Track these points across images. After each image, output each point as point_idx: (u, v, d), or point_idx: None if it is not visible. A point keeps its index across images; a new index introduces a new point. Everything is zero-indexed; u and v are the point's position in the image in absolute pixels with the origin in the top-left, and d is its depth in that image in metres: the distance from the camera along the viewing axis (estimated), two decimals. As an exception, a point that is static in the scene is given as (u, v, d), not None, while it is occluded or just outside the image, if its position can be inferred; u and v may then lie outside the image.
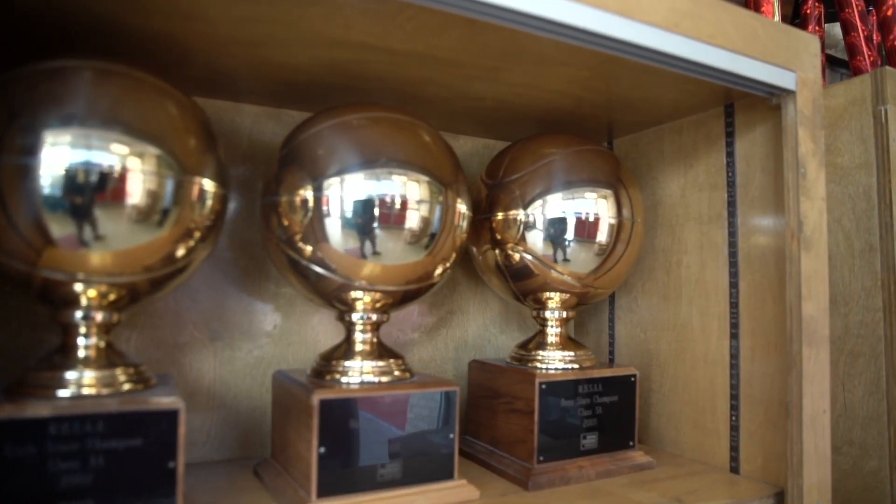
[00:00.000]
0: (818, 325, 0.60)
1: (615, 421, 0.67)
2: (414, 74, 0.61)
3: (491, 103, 0.69)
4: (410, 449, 0.56)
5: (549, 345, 0.70)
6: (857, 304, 0.72)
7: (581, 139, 0.70)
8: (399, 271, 0.58)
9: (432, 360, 0.78)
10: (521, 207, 0.65)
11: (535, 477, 0.61)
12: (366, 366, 0.59)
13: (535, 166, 0.66)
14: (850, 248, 0.73)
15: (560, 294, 0.69)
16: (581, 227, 0.65)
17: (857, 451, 0.71)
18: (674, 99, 0.67)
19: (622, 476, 0.65)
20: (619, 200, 0.68)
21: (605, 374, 0.67)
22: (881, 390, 0.70)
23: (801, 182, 0.59)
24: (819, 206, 0.61)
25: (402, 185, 0.56)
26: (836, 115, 0.74)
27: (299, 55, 0.56)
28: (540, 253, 0.65)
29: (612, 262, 0.68)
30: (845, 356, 0.73)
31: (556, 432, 0.63)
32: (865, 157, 0.72)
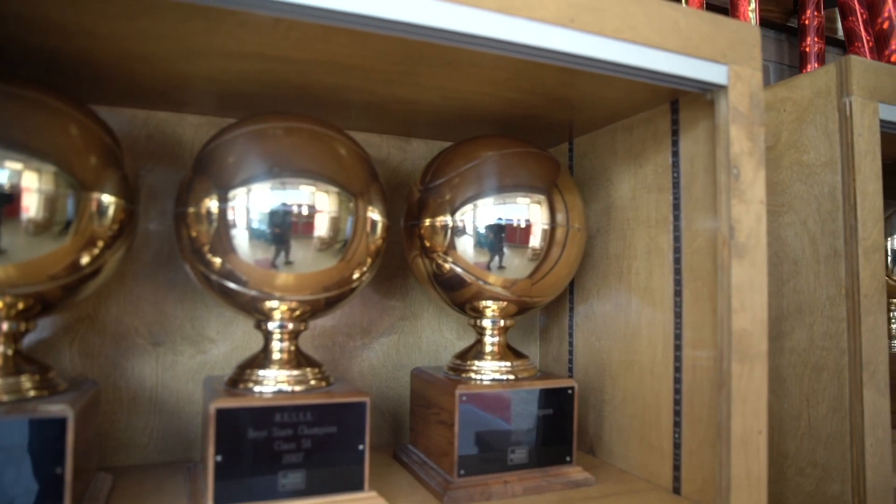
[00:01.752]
0: (753, 340, 0.54)
1: (550, 435, 0.64)
2: (327, 81, 0.60)
3: (423, 107, 0.67)
4: (315, 459, 0.55)
5: (487, 354, 0.67)
6: (821, 314, 0.65)
7: (517, 141, 0.67)
8: (313, 279, 0.57)
9: (382, 367, 0.77)
10: (448, 213, 0.63)
11: (451, 491, 0.59)
12: (281, 375, 0.58)
13: (460, 170, 0.64)
14: (815, 253, 0.66)
15: (496, 302, 0.66)
16: (511, 233, 0.62)
17: (820, 472, 0.65)
18: (612, 97, 0.63)
19: (553, 493, 0.61)
20: (554, 206, 0.64)
21: (537, 387, 0.63)
22: (844, 408, 0.63)
23: (733, 184, 0.54)
24: (757, 211, 0.55)
25: (309, 196, 0.55)
26: (802, 109, 0.68)
27: (208, 67, 0.56)
28: (470, 261, 0.63)
29: (546, 269, 0.64)
30: (810, 370, 0.66)
31: (480, 446, 0.61)
32: (830, 154, 0.65)
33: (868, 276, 0.62)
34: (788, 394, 0.68)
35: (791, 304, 0.68)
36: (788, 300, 0.69)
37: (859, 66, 0.63)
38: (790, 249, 0.68)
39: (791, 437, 0.68)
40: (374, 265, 0.61)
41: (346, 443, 0.56)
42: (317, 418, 0.55)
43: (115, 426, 0.66)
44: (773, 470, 0.70)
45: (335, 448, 0.56)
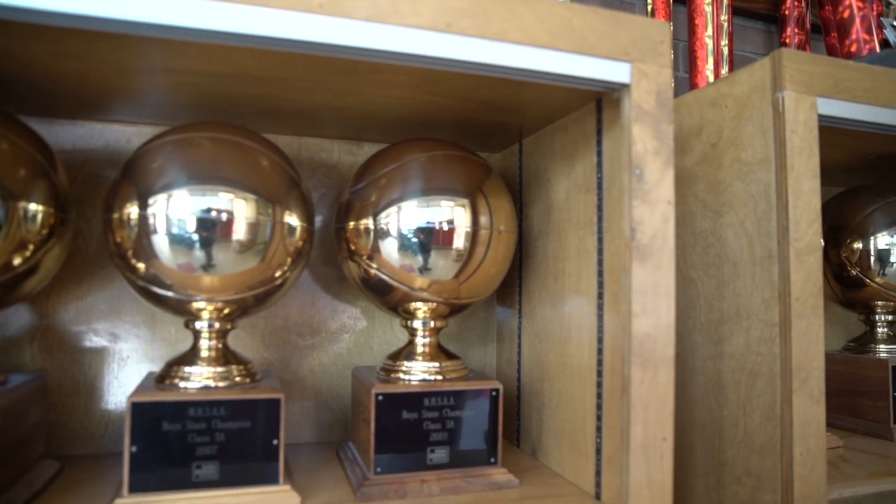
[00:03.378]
0: (657, 345, 0.53)
1: (473, 436, 0.63)
2: (252, 92, 0.61)
3: (353, 112, 0.68)
4: (229, 452, 0.57)
5: (418, 355, 0.67)
6: (757, 318, 0.62)
7: (445, 144, 0.67)
8: (236, 280, 0.59)
9: (333, 366, 0.79)
10: (371, 216, 0.64)
11: (366, 488, 0.59)
12: (206, 371, 0.61)
13: (383, 172, 0.65)
14: (752, 255, 0.63)
15: (426, 304, 0.66)
16: (434, 236, 0.62)
17: (754, 482, 0.62)
18: (530, 99, 0.62)
19: (470, 494, 0.61)
20: (477, 209, 0.64)
21: (458, 388, 0.63)
22: (776, 416, 0.59)
23: (635, 184, 0.53)
24: (663, 212, 0.53)
25: (227, 202, 0.57)
26: (741, 105, 0.64)
27: (138, 82, 0.59)
28: (394, 264, 0.63)
29: (471, 270, 0.64)
30: (747, 376, 0.63)
31: (398, 445, 0.61)
32: (765, 152, 0.61)
33: (801, 279, 0.59)
34: (728, 400, 0.65)
35: (731, 308, 0.65)
36: (728, 303, 0.66)
37: (793, 59, 0.60)
38: (730, 251, 0.66)
39: (729, 445, 0.65)
40: (298, 264, 0.63)
41: (261, 438, 0.58)
42: (231, 413, 0.57)
43: (73, 417, 0.70)
44: (713, 478, 0.67)
45: (249, 442, 0.57)
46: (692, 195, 0.71)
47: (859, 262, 0.85)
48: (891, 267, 0.84)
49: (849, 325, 1.05)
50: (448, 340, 0.83)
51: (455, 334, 0.83)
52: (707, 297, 0.69)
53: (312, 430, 0.77)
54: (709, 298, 0.68)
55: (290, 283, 0.65)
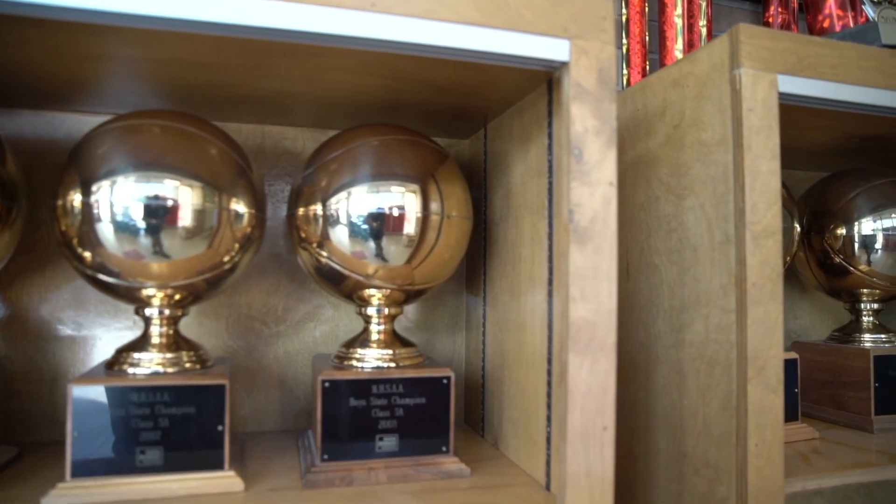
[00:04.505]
0: (597, 331, 0.51)
1: (424, 424, 0.62)
2: (201, 78, 0.60)
3: (309, 98, 0.67)
4: (173, 438, 0.56)
5: (372, 342, 0.66)
6: (715, 305, 0.59)
7: (399, 129, 0.65)
8: (184, 266, 0.59)
9: (298, 354, 0.78)
10: (320, 202, 0.62)
11: (311, 475, 0.58)
12: (156, 358, 0.60)
13: (330, 157, 0.63)
14: (711, 239, 0.60)
15: (379, 291, 0.65)
16: (384, 221, 0.61)
17: (712, 473, 0.59)
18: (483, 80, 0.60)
19: (419, 483, 0.60)
20: (428, 194, 0.62)
21: (408, 375, 0.62)
22: (732, 405, 0.57)
23: (573, 165, 0.51)
24: (604, 193, 0.51)
25: (173, 189, 0.57)
26: (702, 84, 0.61)
27: (92, 71, 0.58)
28: (343, 251, 0.62)
29: (422, 256, 0.63)
30: (705, 364, 0.60)
31: (347, 432, 0.60)
32: (724, 132, 0.58)
33: (758, 264, 0.56)
34: (688, 390, 0.63)
35: (691, 295, 0.63)
36: (689, 290, 0.63)
37: (751, 34, 0.57)
38: (691, 235, 0.63)
39: (689, 436, 0.63)
40: (248, 250, 0.63)
41: (205, 424, 0.57)
42: (175, 399, 0.57)
43: (37, 404, 0.70)
44: (674, 470, 0.65)
45: (194, 428, 0.57)
46: (656, 179, 0.68)
47: (843, 248, 0.82)
48: (875, 254, 0.80)
49: (840, 314, 1.00)
50: (416, 329, 0.82)
51: (422, 322, 0.82)
52: (670, 284, 0.66)
53: (277, 418, 0.77)
54: (671, 285, 0.66)
55: (243, 267, 0.64)
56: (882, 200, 0.80)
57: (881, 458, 0.66)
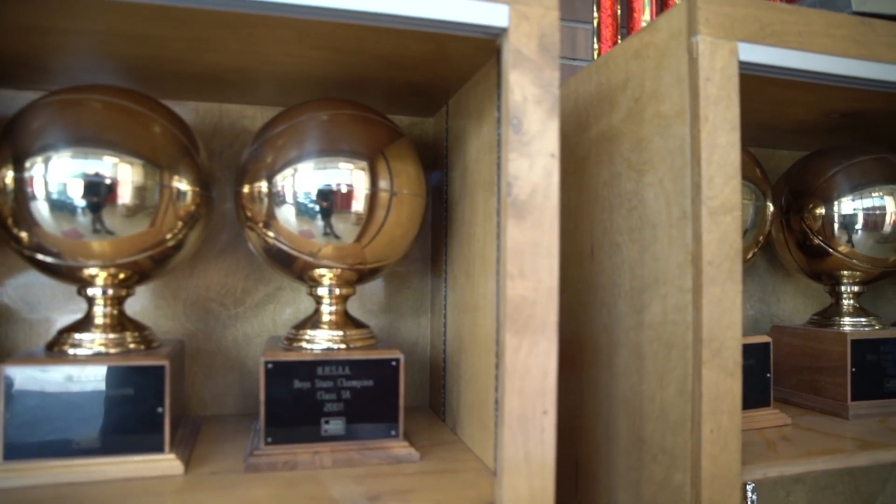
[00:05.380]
0: (536, 310, 0.48)
1: (372, 407, 0.60)
2: (139, 52, 0.58)
3: (258, 74, 0.64)
4: (110, 420, 0.54)
5: (323, 324, 0.64)
6: (672, 285, 0.56)
7: (348, 104, 0.63)
8: (126, 244, 0.57)
9: (258, 336, 0.76)
10: (265, 178, 0.60)
11: (253, 458, 0.56)
12: (99, 338, 0.59)
13: (276, 132, 0.61)
14: (669, 216, 0.57)
15: (330, 271, 0.63)
16: (330, 199, 0.58)
17: (668, 460, 0.56)
18: (428, 51, 0.57)
19: (365, 468, 0.57)
20: (377, 171, 0.60)
21: (354, 357, 0.59)
22: (688, 390, 0.54)
23: (511, 135, 0.48)
24: (546, 165, 0.48)
25: (111, 167, 0.55)
26: (661, 54, 0.58)
27: (37, 45, 0.56)
28: (290, 230, 0.59)
29: (372, 234, 0.60)
30: (663, 347, 0.57)
31: (291, 415, 0.58)
32: (682, 103, 0.55)
33: (715, 241, 0.53)
34: (647, 373, 0.60)
35: (650, 274, 0.60)
36: (649, 269, 0.60)
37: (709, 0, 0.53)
38: (651, 212, 0.60)
39: (648, 421, 0.60)
40: (194, 228, 0.61)
41: (144, 405, 0.55)
42: (113, 381, 0.55)
43: (-8, 385, 0.69)
44: (634, 456, 0.62)
45: (132, 410, 0.55)
46: (619, 155, 0.65)
47: (822, 229, 0.78)
48: (855, 234, 0.76)
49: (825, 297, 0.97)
50: (380, 312, 0.79)
51: (387, 305, 0.79)
52: (631, 264, 0.63)
53: (238, 401, 0.75)
54: (632, 265, 0.63)
55: (191, 245, 0.62)
56: (862, 179, 0.76)
57: (850, 445, 0.63)
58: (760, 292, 0.95)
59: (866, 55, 0.59)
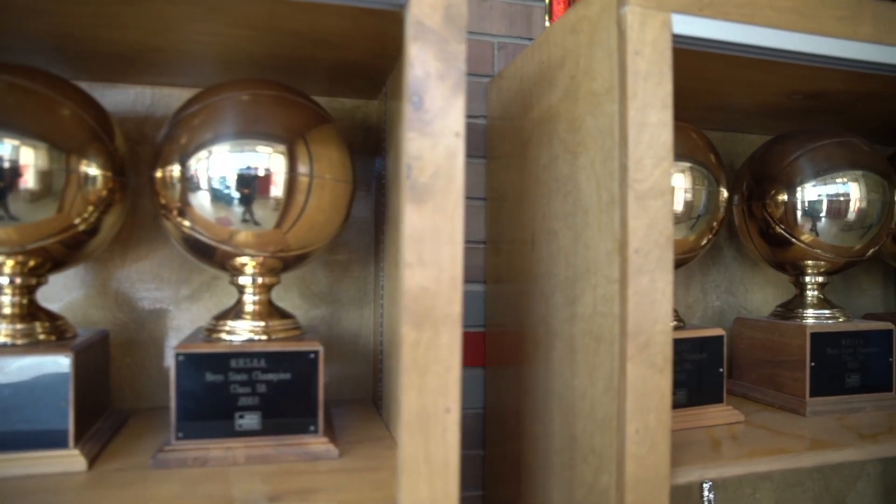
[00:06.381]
0: (438, 301, 0.44)
1: (290, 402, 0.56)
2: (42, 28, 0.55)
3: (177, 54, 0.61)
4: (13, 415, 0.52)
5: (245, 314, 0.60)
6: (602, 274, 0.52)
7: (271, 84, 0.59)
8: (33, 230, 0.54)
9: (193, 327, 0.73)
10: (178, 161, 0.56)
11: (162, 454, 0.53)
12: (4, 329, 0.56)
13: (191, 111, 0.57)
14: (599, 200, 0.53)
15: (253, 259, 0.59)
16: (247, 184, 0.55)
17: (597, 460, 0.52)
18: (343, 27, 0.53)
19: (279, 464, 0.54)
20: (296, 155, 0.56)
21: (270, 349, 0.56)
22: (614, 387, 0.50)
23: (412, 114, 0.44)
24: (448, 145, 0.44)
25: (13, 150, 0.52)
26: (594, 27, 0.53)
27: None
28: (206, 217, 0.56)
29: (290, 222, 0.57)
30: (592, 340, 0.53)
31: (203, 409, 0.55)
32: (612, 79, 0.51)
33: (643, 227, 0.49)
34: (579, 368, 0.56)
35: (583, 263, 0.56)
36: (581, 258, 0.56)
37: (634, -34, 0.48)
38: (584, 197, 0.55)
39: (579, 419, 0.56)
40: (108, 212, 0.59)
41: (48, 399, 0.52)
42: (19, 373, 0.52)
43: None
44: (567, 455, 0.58)
45: (37, 404, 0.52)
46: (556, 136, 0.61)
47: (784, 217, 0.73)
48: (818, 222, 0.71)
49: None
50: (321, 301, 0.76)
51: (328, 294, 0.76)
52: (565, 252, 0.59)
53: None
54: (567, 253, 0.59)
55: (108, 230, 0.60)
56: (826, 163, 0.71)
57: (799, 445, 0.58)
58: (727, 282, 0.90)
59: (816, 29, 0.55)
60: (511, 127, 0.72)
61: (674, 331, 0.68)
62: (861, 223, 0.71)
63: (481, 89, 0.81)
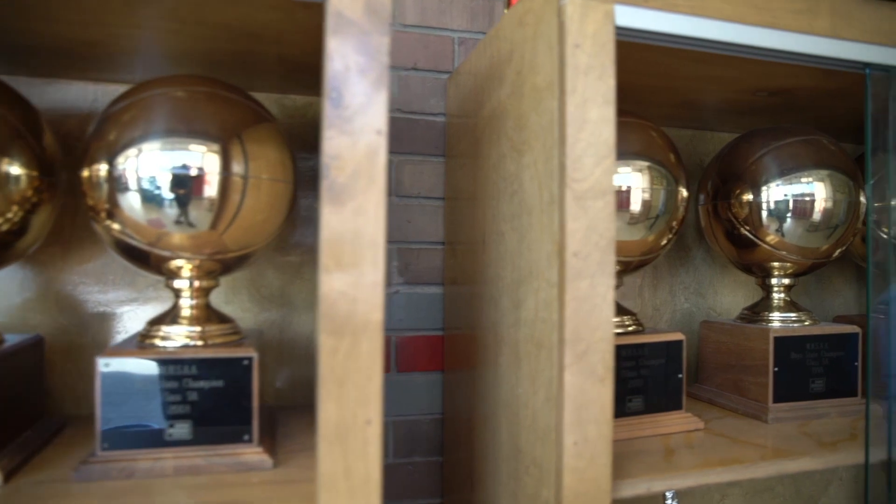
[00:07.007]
0: (357, 307, 0.41)
1: (223, 410, 0.54)
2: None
3: (117, 49, 0.58)
4: (-74, 425, 0.50)
5: (182, 319, 0.58)
6: (543, 278, 0.50)
7: (208, 81, 0.56)
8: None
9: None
10: (105, 160, 0.54)
11: (86, 466, 0.51)
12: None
13: (121, 106, 0.55)
14: (541, 201, 0.50)
15: (189, 262, 0.57)
16: (178, 184, 0.53)
17: (538, 472, 0.50)
18: (276, 20, 0.51)
19: (209, 476, 0.52)
20: (230, 154, 0.54)
21: (202, 356, 0.54)
22: (553, 396, 0.47)
23: (330, 110, 0.41)
24: (370, 143, 0.42)
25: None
26: (538, 20, 0.51)
27: None
28: (137, 219, 0.53)
29: (226, 223, 0.54)
30: (534, 347, 0.51)
31: (130, 419, 0.52)
32: (553, 74, 0.48)
33: (582, 229, 0.46)
34: (522, 376, 0.54)
35: (526, 265, 0.53)
36: (525, 260, 0.53)
37: (573, -45, 0.46)
38: (528, 197, 0.53)
39: (523, 429, 0.53)
40: (35, 212, 0.57)
41: (-36, 409, 0.50)
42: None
43: None
44: (512, 466, 0.56)
45: (-49, 414, 0.50)
46: (504, 134, 0.58)
47: (749, 218, 0.71)
48: (785, 223, 0.69)
49: (768, 291, 0.89)
50: (271, 305, 0.73)
51: (279, 298, 0.74)
52: (511, 254, 0.57)
53: (118, 398, 0.69)
54: (513, 255, 0.56)
55: (37, 230, 0.58)
56: (791, 162, 0.69)
57: (755, 454, 0.56)
58: (696, 284, 0.88)
59: (770, 23, 0.52)
60: (466, 124, 0.70)
61: (632, 335, 0.65)
62: (827, 224, 0.68)
63: (440, 86, 0.79)
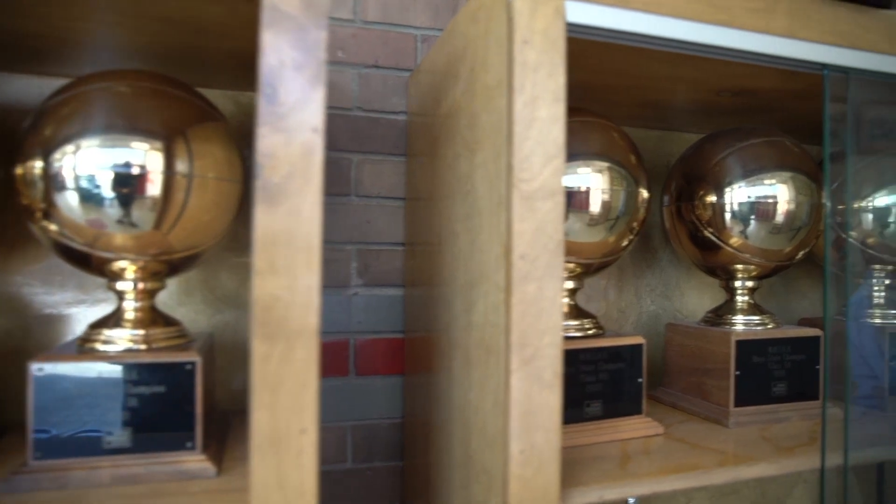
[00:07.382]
0: (291, 312, 0.40)
1: (164, 416, 0.52)
2: None
3: (57, 42, 0.56)
4: None
5: (125, 322, 0.56)
6: (491, 280, 0.48)
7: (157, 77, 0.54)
8: None
9: (88, 333, 0.68)
10: (40, 156, 0.52)
11: (17, 477, 0.49)
12: None
13: (57, 100, 0.53)
14: (490, 202, 0.49)
15: (133, 263, 0.55)
16: (119, 182, 0.51)
17: (487, 480, 0.49)
18: (221, 14, 0.49)
19: (147, 485, 0.50)
20: (174, 153, 0.52)
21: (141, 360, 0.52)
22: (500, 402, 0.46)
23: (264, 107, 0.40)
24: (306, 142, 0.40)
25: None
26: (489, 16, 0.50)
27: None
28: (75, 219, 0.51)
29: (170, 222, 0.52)
30: (483, 351, 0.50)
31: (65, 426, 0.50)
32: (502, 71, 0.47)
33: (529, 231, 0.45)
34: (473, 381, 0.52)
35: (477, 268, 0.52)
36: (476, 262, 0.52)
37: (521, -51, 0.45)
38: (480, 197, 0.51)
39: (473, 435, 0.52)
40: None
41: None
42: None
43: None
44: (464, 473, 0.54)
45: None
46: (458, 133, 0.57)
47: (712, 220, 0.70)
48: (748, 225, 0.68)
49: (735, 293, 0.89)
50: (226, 307, 0.71)
51: (234, 300, 0.72)
52: (464, 256, 0.55)
53: (65, 403, 0.67)
54: (465, 257, 0.55)
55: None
56: (754, 164, 0.68)
57: (711, 461, 0.55)
58: (662, 286, 0.87)
59: (727, 21, 0.51)
60: (425, 123, 0.68)
61: (591, 339, 0.64)
62: (790, 226, 0.68)
63: (402, 84, 0.77)
